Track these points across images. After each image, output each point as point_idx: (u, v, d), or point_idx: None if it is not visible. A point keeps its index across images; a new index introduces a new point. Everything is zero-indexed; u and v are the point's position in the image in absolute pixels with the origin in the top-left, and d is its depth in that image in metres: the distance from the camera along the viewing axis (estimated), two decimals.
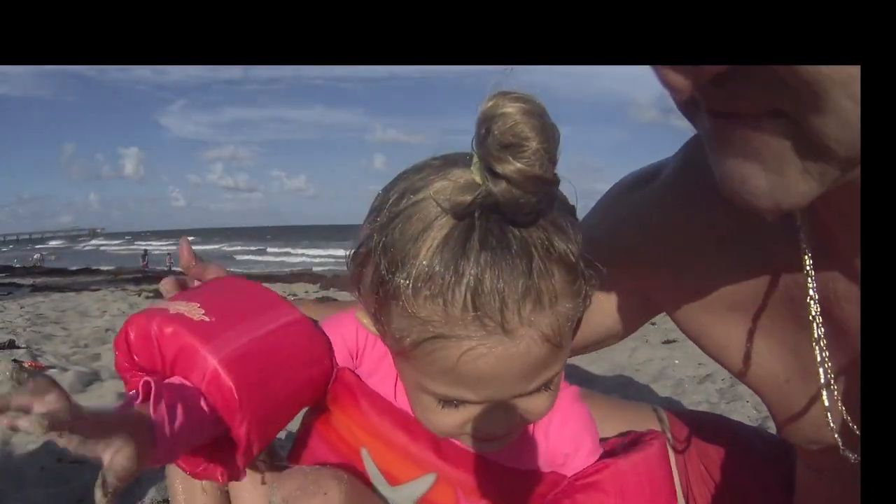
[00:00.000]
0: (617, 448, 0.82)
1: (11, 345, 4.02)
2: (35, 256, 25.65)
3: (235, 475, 0.74)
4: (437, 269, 0.55)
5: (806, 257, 0.60)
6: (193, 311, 0.72)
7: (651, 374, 3.15)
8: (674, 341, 3.75)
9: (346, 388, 0.78)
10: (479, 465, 0.74)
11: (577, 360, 2.90)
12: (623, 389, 2.74)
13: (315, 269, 19.35)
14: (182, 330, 0.70)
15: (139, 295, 7.93)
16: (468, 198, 0.55)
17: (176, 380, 0.70)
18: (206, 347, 0.69)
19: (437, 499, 0.75)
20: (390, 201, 0.60)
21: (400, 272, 0.57)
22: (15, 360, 3.43)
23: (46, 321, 5.38)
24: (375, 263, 0.59)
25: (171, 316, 0.71)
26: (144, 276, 13.86)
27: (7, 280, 10.26)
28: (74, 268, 14.91)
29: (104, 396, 2.62)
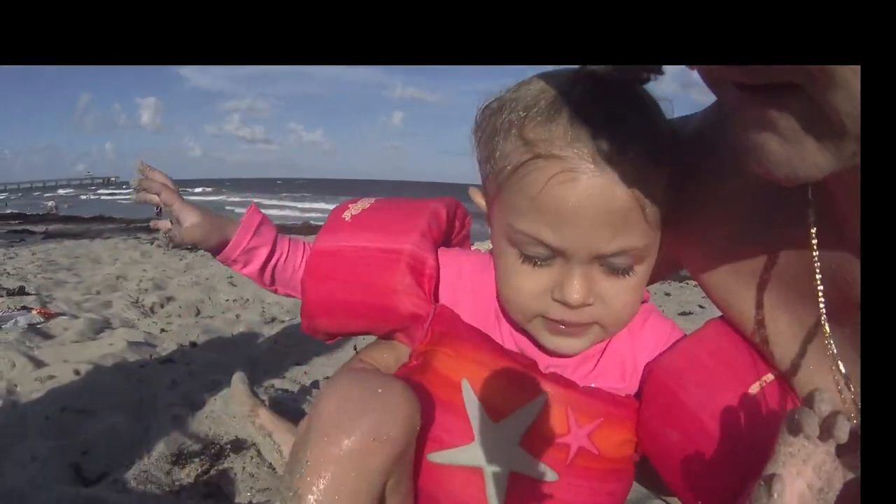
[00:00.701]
0: None
1: (21, 291, 3.96)
2: (49, 204, 25.72)
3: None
4: (544, 102, 0.65)
5: (812, 232, 0.61)
6: (352, 211, 0.88)
7: None
8: (690, 313, 3.66)
9: (446, 324, 0.78)
10: (584, 389, 0.74)
11: None
12: None
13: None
14: (327, 220, 0.89)
15: (151, 243, 7.88)
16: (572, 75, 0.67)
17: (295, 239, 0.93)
18: (321, 236, 0.87)
19: (548, 423, 0.72)
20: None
21: (514, 109, 0.67)
22: (25, 307, 3.36)
23: (58, 268, 5.32)
24: (492, 113, 0.70)
25: (335, 209, 0.90)
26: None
27: (20, 227, 10.24)
28: (88, 215, 14.91)
29: (114, 344, 2.54)
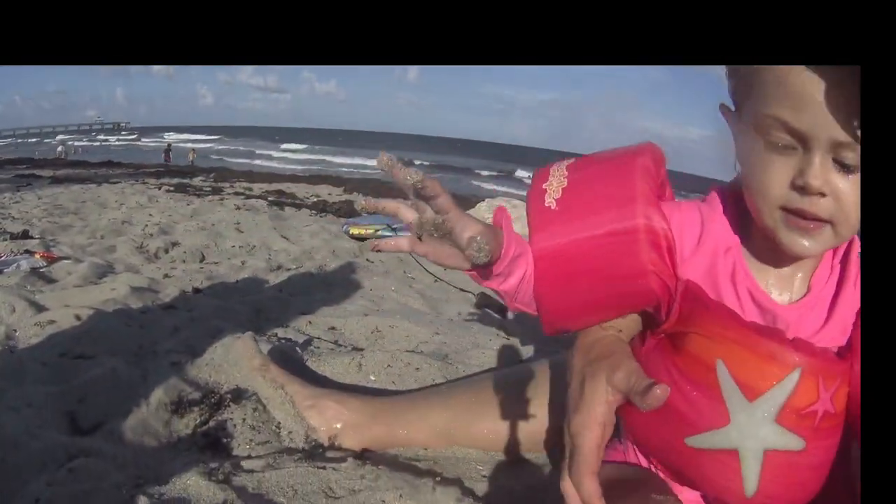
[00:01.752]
0: None
1: (25, 235, 3.92)
2: (59, 149, 25.59)
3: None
4: None
5: None
6: (552, 193, 0.80)
7: None
8: None
9: (693, 301, 0.77)
10: (832, 356, 0.74)
11: None
12: None
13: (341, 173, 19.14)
14: (529, 212, 0.80)
15: (159, 188, 7.81)
16: None
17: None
18: (534, 236, 0.79)
19: (801, 396, 0.72)
20: None
21: None
22: (28, 251, 3.32)
23: (64, 212, 5.28)
24: None
25: (530, 195, 0.82)
26: (167, 169, 13.77)
27: (27, 171, 10.18)
28: (96, 160, 14.82)
29: (117, 289, 2.49)
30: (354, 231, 4.46)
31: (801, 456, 0.73)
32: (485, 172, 34.02)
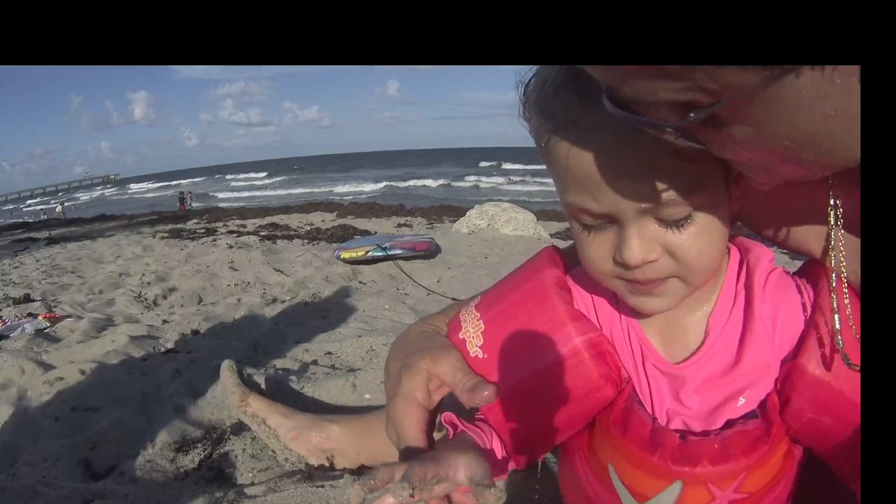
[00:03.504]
0: None
1: (27, 298, 4.02)
2: (57, 209, 25.89)
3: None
4: (556, 73, 0.65)
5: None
6: (472, 340, 0.78)
7: None
8: None
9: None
10: (719, 452, 0.71)
11: None
12: None
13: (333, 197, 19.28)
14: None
15: (153, 236, 7.93)
16: None
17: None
18: None
19: (690, 501, 0.71)
20: None
21: (534, 86, 0.67)
22: (31, 314, 3.42)
23: (62, 271, 5.38)
24: (522, 92, 0.69)
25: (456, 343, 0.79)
26: (160, 217, 13.88)
27: (23, 235, 10.31)
28: (89, 216, 14.97)
29: (116, 340, 2.59)
30: (346, 255, 4.57)
31: None
32: (471, 178, 34.15)
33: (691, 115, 0.47)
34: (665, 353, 0.74)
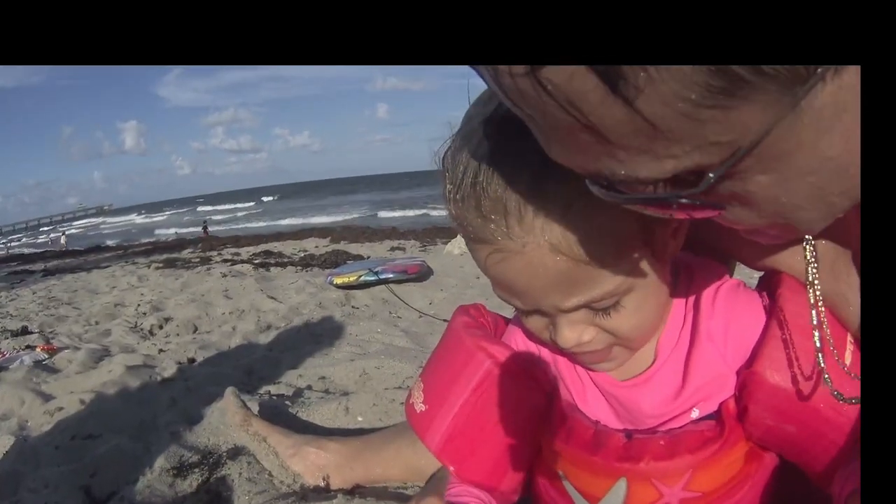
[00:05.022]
0: None
1: (25, 331, 4.06)
2: (62, 240, 26.05)
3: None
4: (461, 174, 0.61)
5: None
6: (417, 401, 0.85)
7: None
8: None
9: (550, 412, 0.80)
10: (665, 447, 0.72)
11: None
12: None
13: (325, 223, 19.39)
14: (413, 428, 0.85)
15: (149, 266, 7.97)
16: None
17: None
18: (426, 442, 0.82)
19: (638, 499, 0.73)
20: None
21: (446, 179, 0.64)
22: (29, 346, 3.47)
23: (59, 303, 5.43)
24: (440, 179, 0.66)
25: (407, 417, 0.87)
26: (154, 246, 13.91)
27: (19, 268, 10.34)
28: (83, 247, 15.00)
29: (113, 370, 2.65)
30: (339, 280, 4.63)
31: None
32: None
33: (710, 175, 0.44)
34: (615, 376, 0.76)
